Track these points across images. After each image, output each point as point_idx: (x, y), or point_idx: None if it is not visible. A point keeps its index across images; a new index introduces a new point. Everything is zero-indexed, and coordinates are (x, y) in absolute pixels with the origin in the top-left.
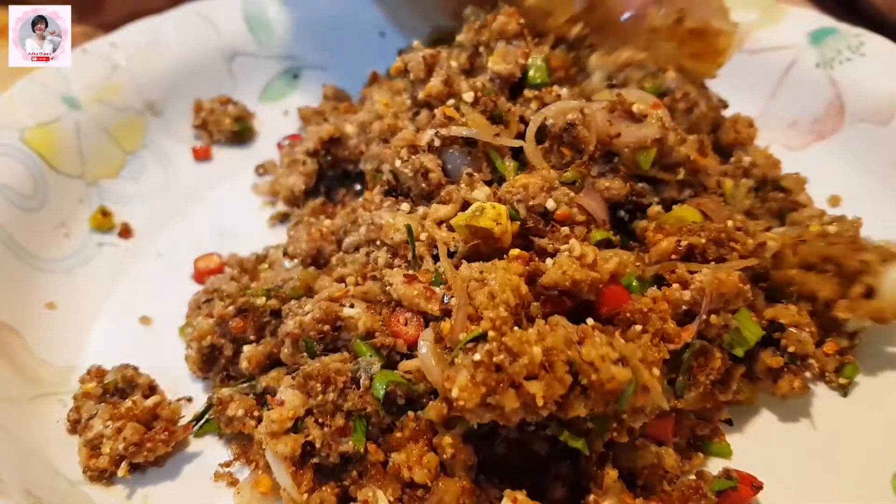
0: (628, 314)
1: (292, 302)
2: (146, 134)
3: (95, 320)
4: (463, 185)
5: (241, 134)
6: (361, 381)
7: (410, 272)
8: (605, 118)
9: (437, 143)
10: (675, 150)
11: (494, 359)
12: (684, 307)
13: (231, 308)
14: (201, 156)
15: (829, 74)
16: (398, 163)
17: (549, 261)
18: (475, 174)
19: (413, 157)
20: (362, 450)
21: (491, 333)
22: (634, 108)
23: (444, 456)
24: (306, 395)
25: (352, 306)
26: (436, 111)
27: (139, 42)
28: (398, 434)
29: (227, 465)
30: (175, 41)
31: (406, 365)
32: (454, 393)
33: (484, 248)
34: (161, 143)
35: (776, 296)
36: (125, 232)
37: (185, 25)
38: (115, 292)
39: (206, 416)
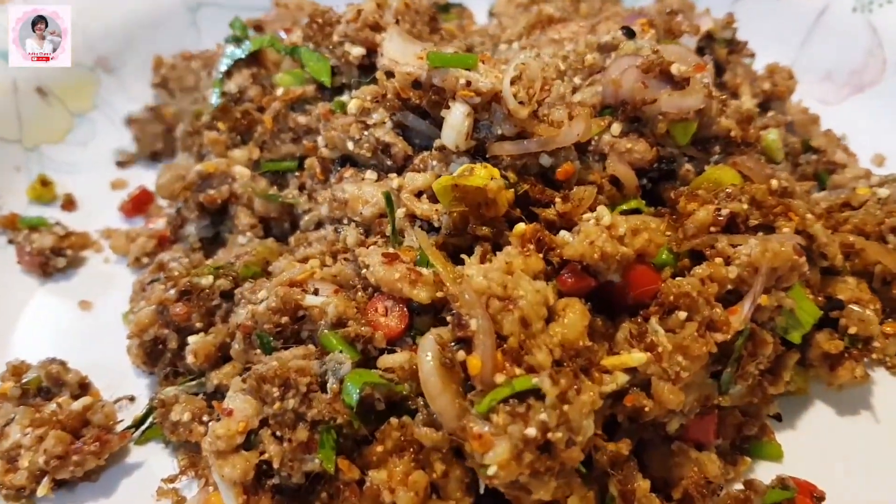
0: (671, 298)
1: (246, 284)
2: (97, 94)
3: (24, 305)
4: (435, 156)
5: None
6: (329, 383)
7: (390, 250)
8: (637, 78)
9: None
10: (716, 121)
11: (551, 436)
12: (729, 287)
13: (173, 291)
14: None
15: (867, 20)
16: (350, 144)
17: (564, 234)
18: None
19: (365, 133)
20: (332, 468)
21: (549, 393)
22: (674, 70)
23: (435, 475)
24: (260, 401)
25: (316, 293)
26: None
27: None
28: (377, 447)
29: (173, 479)
30: None
31: (386, 361)
32: (490, 468)
33: (475, 217)
34: (115, 103)
35: (829, 269)
36: (68, 204)
37: None
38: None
39: (149, 421)
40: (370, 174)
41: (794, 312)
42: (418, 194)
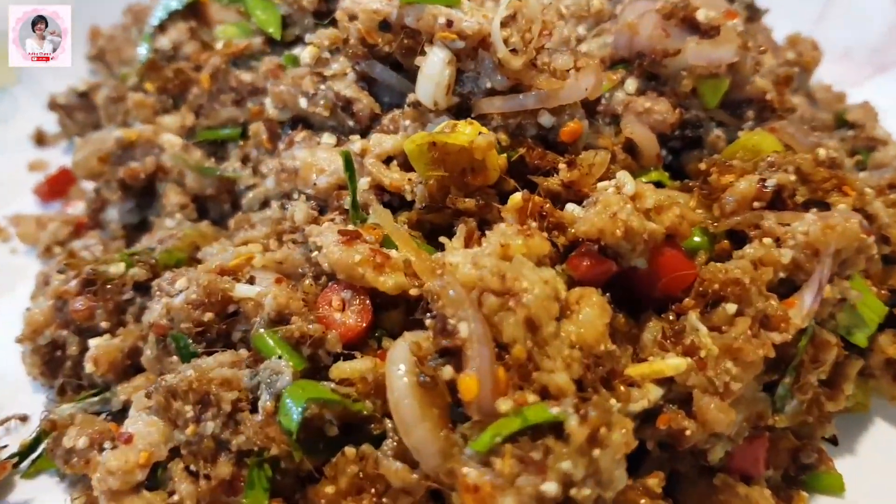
0: (715, 287)
1: (167, 274)
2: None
3: None
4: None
5: None
6: (262, 400)
7: (350, 227)
8: (657, 25)
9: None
10: (750, 81)
11: (575, 493)
12: (781, 274)
13: (74, 283)
14: None
15: None
16: (303, 101)
17: (572, 208)
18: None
19: (322, 87)
20: None
21: (575, 434)
22: (701, 16)
23: None
24: (170, 423)
25: (251, 282)
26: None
27: None
28: (326, 488)
29: None
30: None
31: (342, 370)
32: None
33: (458, 188)
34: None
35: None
36: None
37: None
38: None
39: (41, 448)
40: (327, 137)
41: (856, 309)
42: (387, 161)
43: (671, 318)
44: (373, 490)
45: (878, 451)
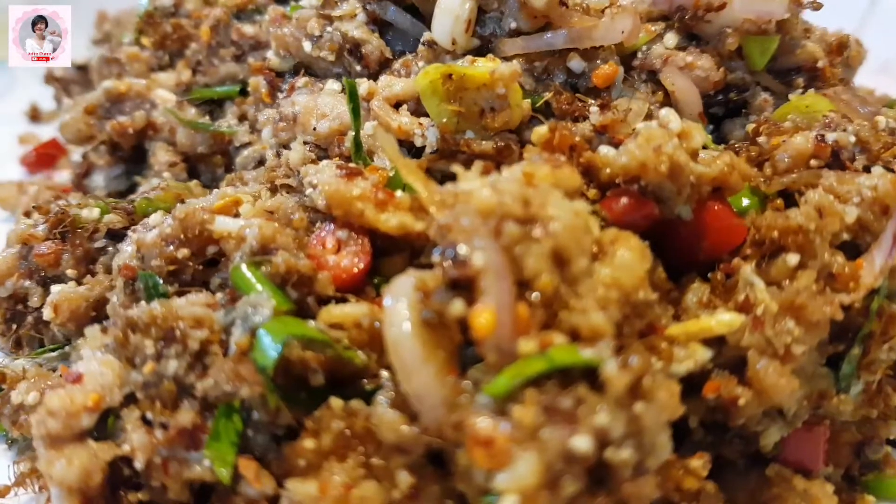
0: (775, 235)
1: (145, 220)
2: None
3: None
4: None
5: None
6: (235, 336)
7: (352, 165)
8: None
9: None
10: (800, 45)
11: (611, 454)
12: (845, 236)
13: (41, 228)
14: None
15: None
16: (308, 45)
17: (607, 150)
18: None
19: (328, 29)
20: (227, 475)
21: (614, 381)
22: None
23: (397, 492)
24: (128, 363)
25: (237, 216)
26: None
27: None
28: (307, 442)
29: (3, 492)
30: None
31: (332, 313)
32: (504, 497)
33: (477, 131)
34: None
35: None
36: None
37: None
38: None
39: None
40: (332, 84)
41: None
42: (396, 106)
43: (719, 276)
44: (360, 450)
45: None
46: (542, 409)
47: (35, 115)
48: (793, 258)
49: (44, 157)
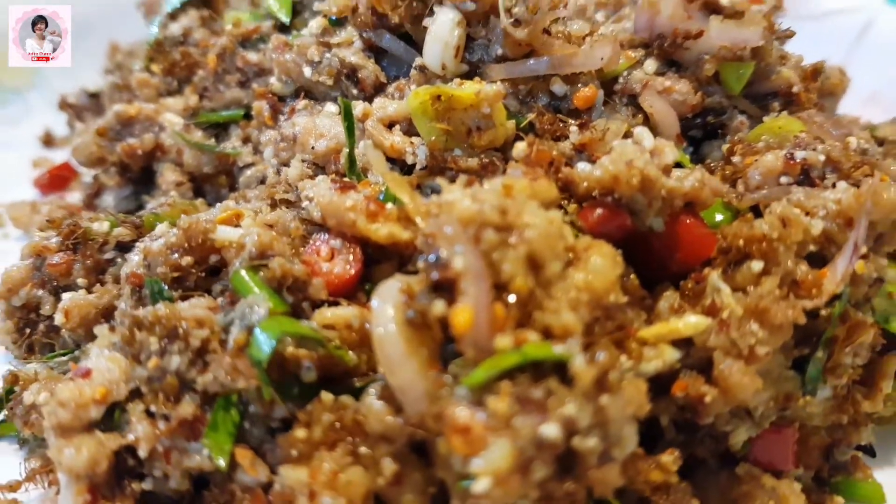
0: (740, 244)
1: (152, 232)
2: (37, 72)
3: None
4: (415, 78)
5: None
6: (233, 334)
7: (346, 180)
8: (680, 6)
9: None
10: (775, 71)
11: (578, 442)
12: (811, 247)
13: (54, 240)
14: None
15: None
16: (308, 70)
17: (583, 166)
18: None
19: (327, 55)
20: (224, 463)
21: (582, 375)
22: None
23: (382, 479)
24: (134, 359)
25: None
26: None
27: None
28: (299, 433)
29: (15, 486)
30: None
31: (324, 315)
32: (479, 481)
33: (464, 148)
34: (56, 85)
35: None
36: None
37: None
38: None
39: (2, 412)
40: (330, 106)
41: (894, 298)
42: (389, 126)
43: (690, 284)
44: (348, 440)
45: None
46: (516, 399)
47: (49, 141)
48: (757, 265)
49: (56, 180)
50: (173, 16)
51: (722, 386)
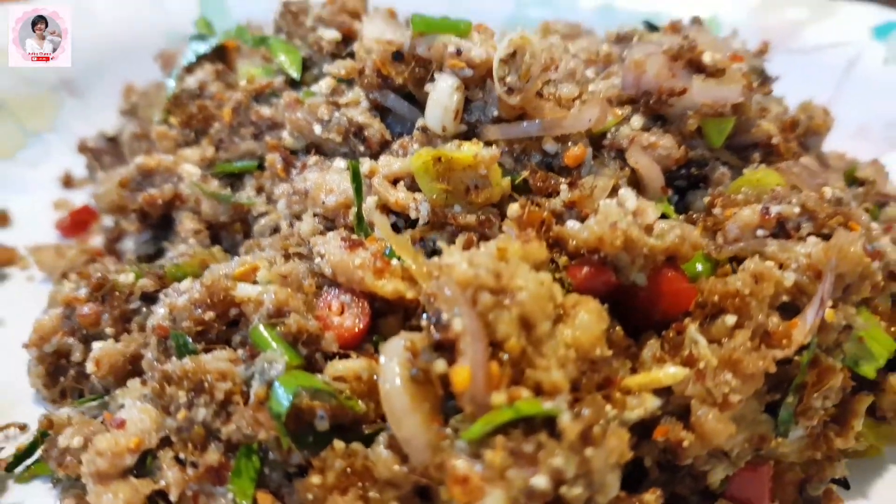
0: (715, 299)
1: (175, 284)
2: (57, 115)
3: None
4: (418, 138)
5: None
6: (254, 388)
7: (354, 237)
8: (664, 65)
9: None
10: (755, 124)
11: (565, 491)
12: (784, 298)
13: (83, 291)
14: None
15: None
16: (318, 128)
17: (572, 224)
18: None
19: (336, 114)
20: None
21: (568, 430)
22: (707, 59)
23: None
24: (163, 411)
25: (255, 283)
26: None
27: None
28: (314, 479)
29: None
30: (111, 17)
31: (336, 368)
32: None
33: (463, 205)
34: (75, 128)
35: None
36: (1, 220)
37: (126, 1)
38: None
39: (37, 454)
40: (339, 162)
41: (863, 342)
42: (394, 182)
43: (671, 334)
44: (359, 485)
45: (893, 498)
46: (509, 453)
47: (68, 182)
48: (731, 319)
49: (78, 223)
50: (189, 69)
51: (698, 431)
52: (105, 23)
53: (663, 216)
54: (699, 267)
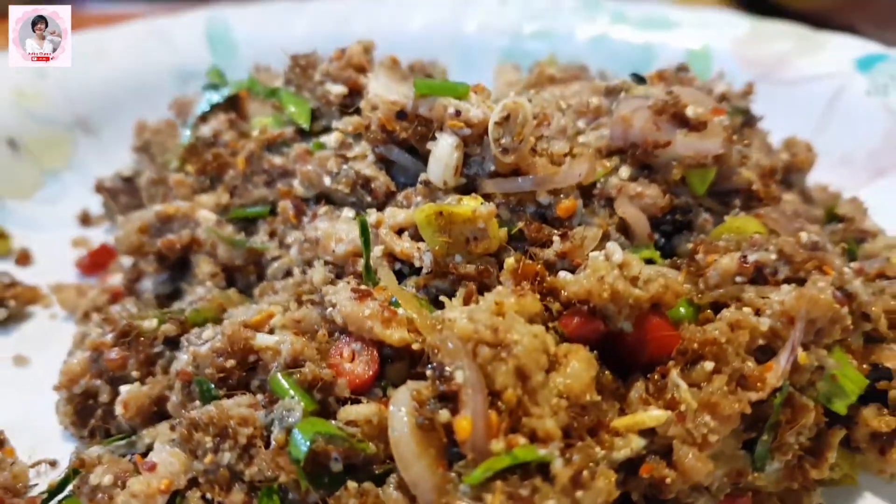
0: (695, 346)
1: (195, 329)
2: (73, 154)
3: None
4: (420, 191)
5: None
6: (274, 433)
7: (363, 287)
8: (649, 119)
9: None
10: (736, 172)
11: None
12: (760, 341)
13: (109, 336)
14: None
15: (883, 102)
16: (327, 179)
17: (564, 275)
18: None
19: (344, 166)
20: None
21: (560, 475)
22: (690, 112)
23: None
24: (191, 454)
25: (272, 333)
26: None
27: (78, 52)
28: None
29: None
30: (123, 56)
31: (349, 412)
32: None
33: (463, 255)
34: (90, 165)
35: (872, 336)
36: (23, 259)
37: (136, 40)
38: None
39: (68, 489)
40: (347, 212)
41: (836, 379)
42: (399, 232)
43: (656, 377)
44: None
45: None
46: (508, 496)
47: (86, 220)
48: (709, 365)
49: (97, 263)
50: (204, 118)
51: (680, 469)
52: (117, 61)
53: (650, 261)
54: (682, 310)
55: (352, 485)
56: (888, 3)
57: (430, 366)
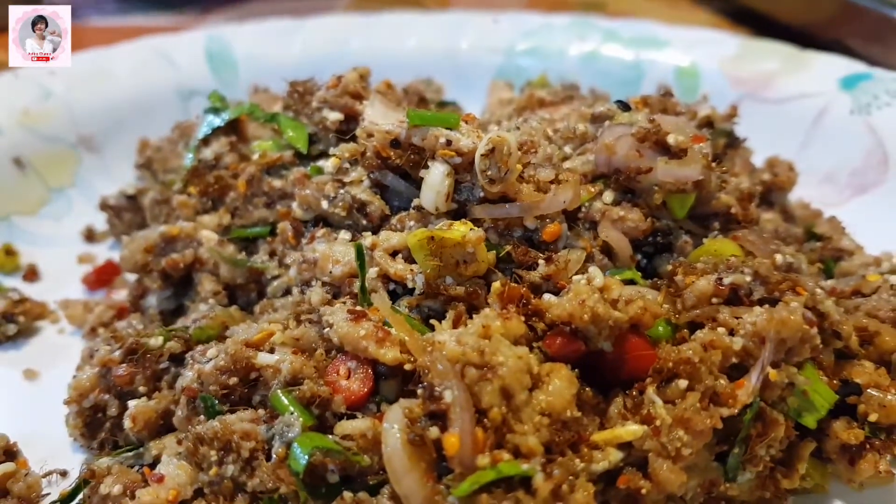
0: (670, 365)
1: (199, 347)
2: (77, 171)
3: None
4: (413, 216)
5: None
6: (275, 447)
7: (358, 308)
8: (631, 146)
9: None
10: (715, 196)
11: None
12: (734, 360)
13: (117, 353)
14: None
15: (866, 121)
16: (325, 203)
17: (549, 297)
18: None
19: (341, 191)
20: None
21: (541, 489)
22: (671, 140)
23: None
24: (196, 467)
25: (272, 352)
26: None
27: (82, 71)
28: None
29: None
30: (125, 75)
31: (345, 427)
32: None
33: (454, 277)
34: (94, 182)
35: (843, 353)
36: (31, 275)
37: (138, 59)
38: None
39: (78, 498)
40: (344, 234)
41: (807, 395)
42: (393, 255)
43: (634, 394)
44: None
45: None
46: None
47: (90, 236)
48: (683, 382)
49: (102, 278)
50: (205, 141)
51: (655, 480)
52: (119, 80)
53: (632, 282)
54: (661, 329)
55: (348, 495)
56: (875, 19)
57: (420, 385)
